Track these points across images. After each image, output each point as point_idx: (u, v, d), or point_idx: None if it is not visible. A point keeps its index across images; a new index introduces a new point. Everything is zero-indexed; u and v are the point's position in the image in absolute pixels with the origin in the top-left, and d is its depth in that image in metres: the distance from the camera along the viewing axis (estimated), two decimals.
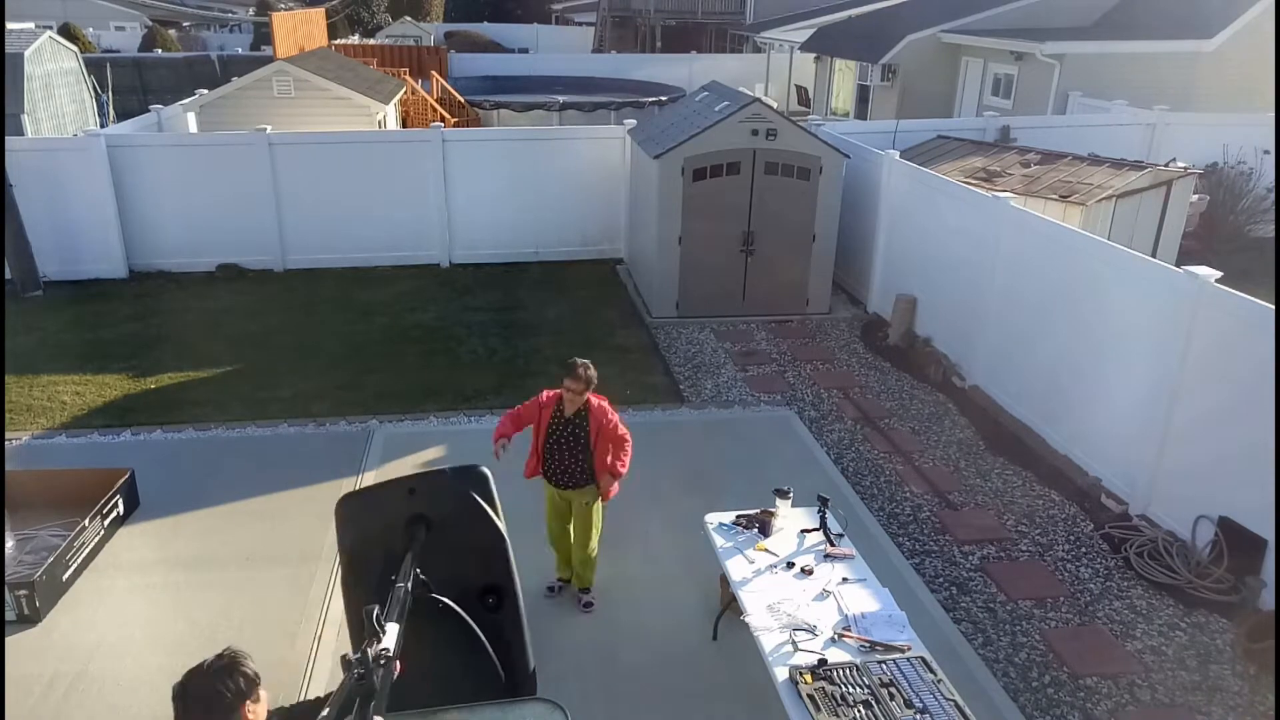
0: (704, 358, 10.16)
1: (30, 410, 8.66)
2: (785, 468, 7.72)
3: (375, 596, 3.20)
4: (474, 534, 3.76)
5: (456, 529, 3.72)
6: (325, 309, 11.42)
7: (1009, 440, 8.41)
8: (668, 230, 10.82)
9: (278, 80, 16.14)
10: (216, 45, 37.38)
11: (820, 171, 10.82)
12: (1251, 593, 6.16)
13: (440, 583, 3.53)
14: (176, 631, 5.76)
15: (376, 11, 46.88)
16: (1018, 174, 10.97)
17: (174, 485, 7.33)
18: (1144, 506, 7.13)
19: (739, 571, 5.13)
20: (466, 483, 3.79)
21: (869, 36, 21.38)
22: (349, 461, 7.77)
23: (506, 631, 3.79)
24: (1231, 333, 6.36)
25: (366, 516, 3.72)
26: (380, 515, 3.69)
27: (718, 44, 36.41)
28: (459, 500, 3.75)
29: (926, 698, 4.12)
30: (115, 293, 11.81)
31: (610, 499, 5.81)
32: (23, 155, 11.53)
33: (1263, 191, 13.59)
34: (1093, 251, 7.75)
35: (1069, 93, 17.03)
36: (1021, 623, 6.08)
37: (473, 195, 12.71)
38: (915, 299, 10.45)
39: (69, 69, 17.94)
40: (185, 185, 12.18)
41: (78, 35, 30.30)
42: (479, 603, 3.74)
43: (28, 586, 5.71)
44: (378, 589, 3.34)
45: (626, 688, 5.38)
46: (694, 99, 12.65)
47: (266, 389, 9.18)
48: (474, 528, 3.76)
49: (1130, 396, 7.25)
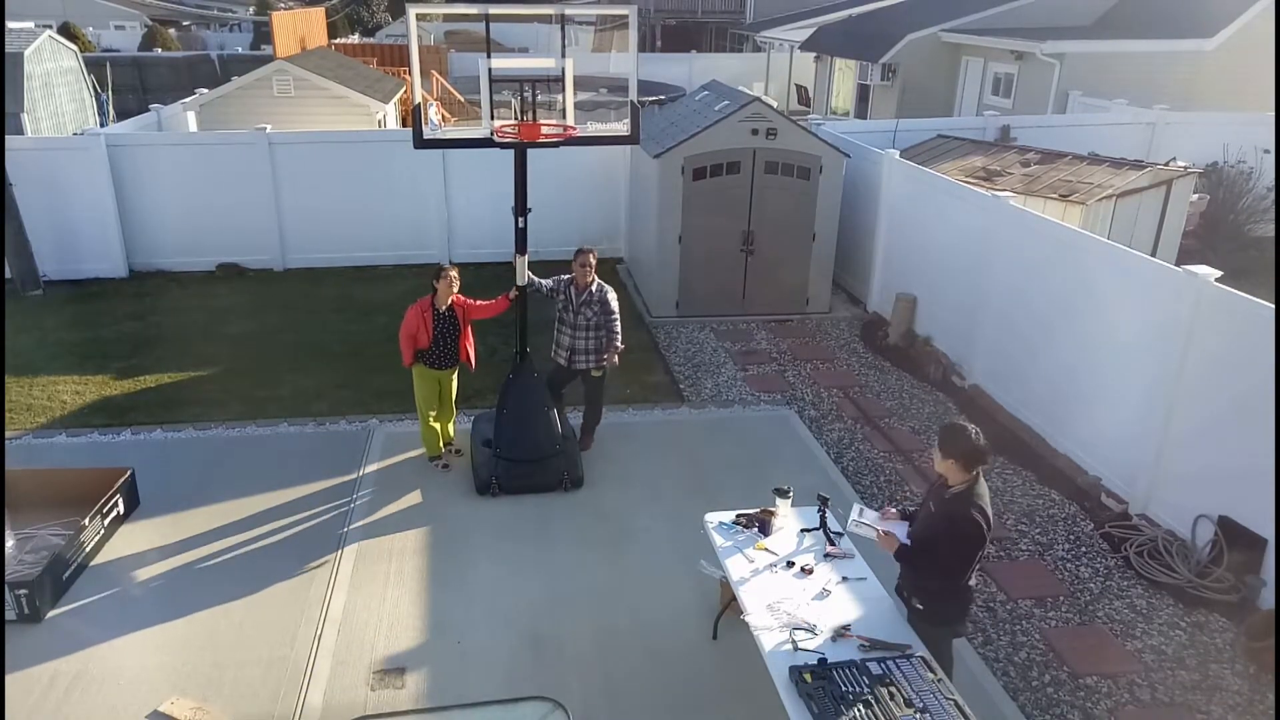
0: (704, 357, 10.16)
1: (30, 409, 8.66)
2: (785, 467, 7.72)
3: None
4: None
5: None
6: (325, 308, 11.42)
7: (1009, 439, 8.41)
8: (668, 229, 10.82)
9: (278, 79, 16.14)
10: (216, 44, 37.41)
11: (820, 171, 10.82)
12: (1251, 592, 6.17)
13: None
14: (176, 630, 5.76)
15: (376, 10, 46.87)
16: (1018, 173, 10.97)
17: (174, 484, 7.33)
18: (1144, 506, 7.13)
19: (739, 570, 5.12)
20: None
21: (869, 36, 21.38)
22: (349, 461, 7.77)
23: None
24: (1231, 332, 6.36)
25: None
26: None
27: (718, 43, 36.43)
28: None
29: (926, 697, 4.12)
30: (115, 292, 11.81)
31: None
32: (23, 154, 11.54)
33: (1262, 191, 13.59)
34: (1093, 251, 7.75)
35: (1069, 92, 17.03)
36: (1021, 622, 6.08)
37: (473, 194, 12.72)
38: (915, 298, 10.45)
39: (69, 68, 17.94)
40: (185, 184, 12.19)
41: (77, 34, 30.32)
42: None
43: (28, 586, 5.71)
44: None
45: (627, 687, 5.38)
46: (694, 98, 12.64)
47: (266, 388, 9.18)
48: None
49: (1130, 396, 7.25)
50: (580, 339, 7.47)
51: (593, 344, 7.49)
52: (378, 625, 5.86)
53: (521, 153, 6.95)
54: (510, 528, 6.88)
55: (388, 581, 6.28)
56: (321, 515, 7.02)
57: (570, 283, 7.43)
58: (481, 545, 6.68)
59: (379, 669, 5.50)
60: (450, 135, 8.05)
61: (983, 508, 4.41)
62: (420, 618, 5.93)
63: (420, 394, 7.45)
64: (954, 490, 4.49)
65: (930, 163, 11.41)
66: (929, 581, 4.64)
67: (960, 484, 4.49)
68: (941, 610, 4.67)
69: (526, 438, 7.31)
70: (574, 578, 6.34)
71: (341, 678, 5.42)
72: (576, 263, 7.35)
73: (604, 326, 7.43)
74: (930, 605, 4.64)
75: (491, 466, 7.29)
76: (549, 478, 7.32)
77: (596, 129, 7.13)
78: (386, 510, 7.11)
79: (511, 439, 7.32)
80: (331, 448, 8.00)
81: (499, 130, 6.58)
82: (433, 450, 7.67)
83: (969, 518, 4.38)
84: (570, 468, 7.39)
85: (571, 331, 7.48)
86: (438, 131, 8.42)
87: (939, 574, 4.57)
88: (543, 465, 7.31)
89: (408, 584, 6.25)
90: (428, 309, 7.20)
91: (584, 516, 7.06)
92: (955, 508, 4.43)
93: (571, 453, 7.51)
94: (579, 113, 7.06)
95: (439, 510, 7.10)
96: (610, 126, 7.19)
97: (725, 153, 10.59)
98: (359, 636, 5.76)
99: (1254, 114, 14.65)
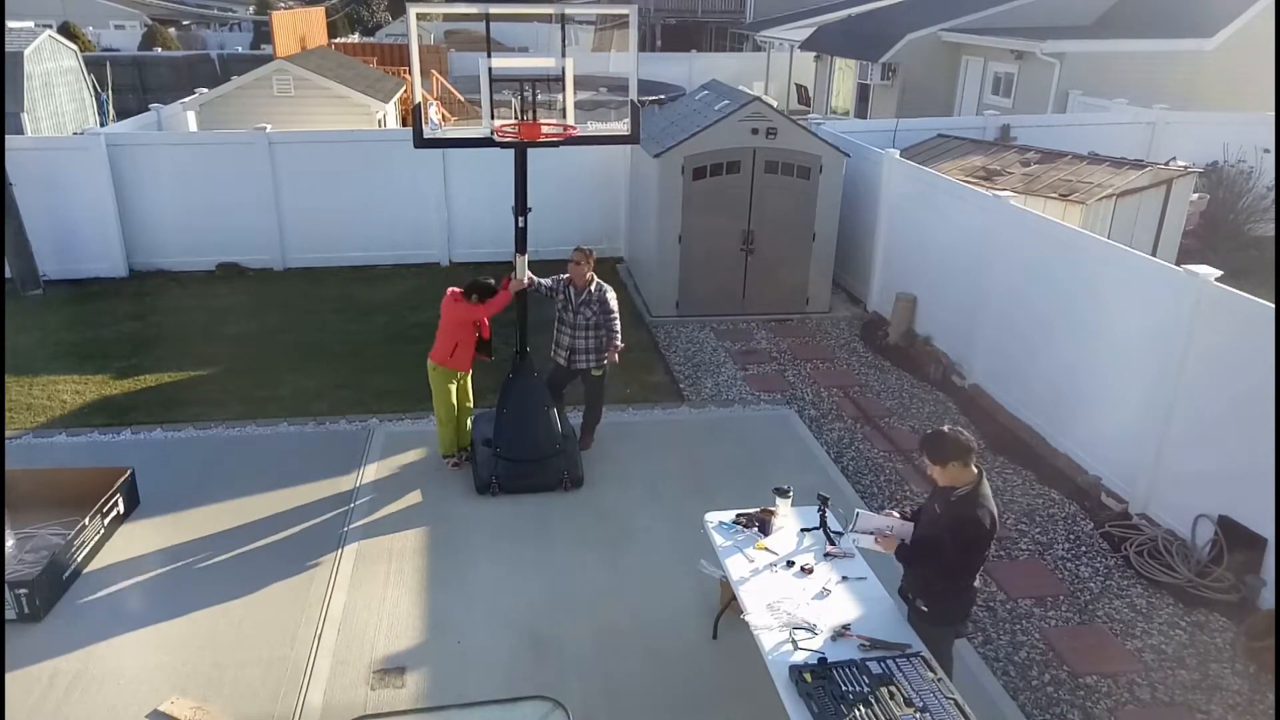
0: (704, 356, 10.16)
1: (30, 409, 8.66)
2: (785, 467, 7.72)
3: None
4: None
5: None
6: (325, 308, 11.42)
7: (1009, 439, 8.41)
8: (668, 229, 10.82)
9: (277, 79, 16.14)
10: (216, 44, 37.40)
11: (820, 170, 10.82)
12: (1251, 592, 6.17)
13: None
14: (176, 630, 5.76)
15: (376, 10, 46.87)
16: (1018, 173, 10.97)
17: (174, 484, 7.32)
18: (1144, 505, 7.13)
19: (739, 570, 5.12)
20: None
21: (869, 35, 21.38)
22: (349, 460, 7.77)
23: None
24: (1231, 332, 6.36)
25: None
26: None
27: (718, 43, 36.42)
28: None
29: (926, 697, 4.12)
30: (115, 291, 11.81)
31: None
32: (23, 154, 11.53)
33: (1262, 190, 13.58)
34: (1093, 250, 7.75)
35: (1069, 91, 17.03)
36: (1021, 621, 6.08)
37: (473, 194, 12.72)
38: (915, 298, 10.45)
39: (69, 68, 17.95)
40: (185, 184, 12.18)
41: (77, 34, 30.32)
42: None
43: (28, 585, 5.71)
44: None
45: (627, 687, 5.38)
46: (694, 98, 12.64)
47: (266, 388, 9.18)
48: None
49: (1130, 396, 7.25)
50: (580, 339, 7.47)
51: (592, 344, 7.50)
52: (378, 625, 5.86)
53: (521, 152, 6.95)
54: (510, 528, 6.88)
55: (388, 581, 6.28)
56: (321, 515, 7.02)
57: (570, 282, 7.43)
58: (481, 545, 6.68)
59: (379, 669, 5.50)
60: (450, 135, 8.06)
61: (989, 509, 4.41)
62: (420, 618, 5.93)
63: (442, 394, 7.46)
64: (959, 492, 4.49)
65: (930, 162, 11.41)
66: (932, 582, 4.63)
67: (965, 485, 4.48)
68: (945, 611, 4.66)
69: (526, 437, 7.31)
70: (574, 578, 6.34)
71: (341, 677, 5.43)
72: (573, 262, 7.36)
73: (604, 326, 7.43)
74: (934, 606, 4.64)
75: (491, 466, 7.29)
76: (549, 477, 7.32)
77: (596, 128, 7.14)
78: (386, 510, 7.11)
79: (511, 439, 7.32)
80: (331, 448, 8.00)
81: (499, 130, 6.58)
82: (448, 449, 7.68)
83: (976, 519, 4.37)
84: (570, 467, 7.39)
85: (571, 331, 7.48)
86: (438, 131, 8.44)
87: (942, 574, 4.57)
88: (543, 465, 7.31)
89: (408, 584, 6.25)
90: (478, 317, 7.35)
91: (584, 516, 7.06)
92: (962, 510, 4.43)
93: (571, 452, 7.51)
94: (579, 112, 7.07)
95: (439, 510, 7.10)
96: (610, 126, 7.19)
97: (725, 152, 10.59)
98: (359, 636, 5.76)
99: (1254, 114, 14.64)
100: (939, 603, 4.64)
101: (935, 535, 4.52)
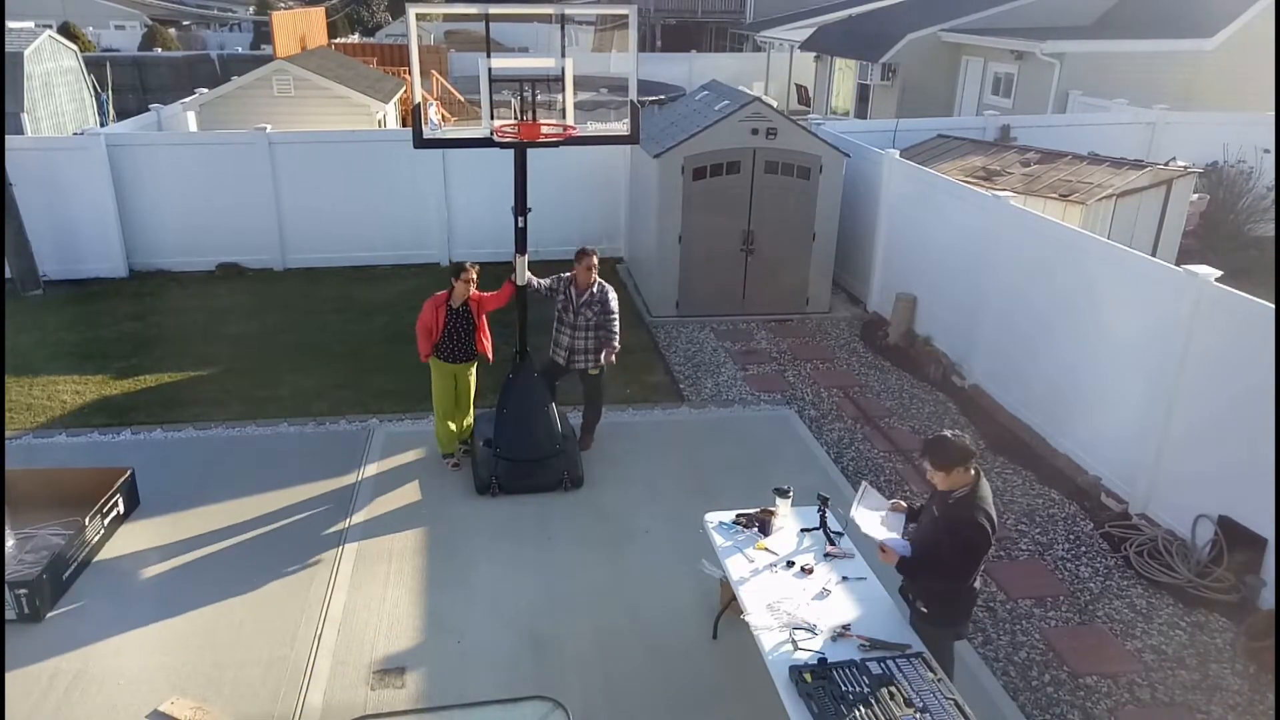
0: (704, 357, 10.16)
1: (30, 409, 8.66)
2: (785, 467, 7.72)
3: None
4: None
5: None
6: (325, 308, 11.42)
7: (1009, 439, 8.41)
8: (667, 229, 10.82)
9: (277, 79, 16.14)
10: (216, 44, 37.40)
11: (820, 170, 10.82)
12: (1251, 592, 6.17)
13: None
14: (176, 630, 5.76)
15: (376, 10, 46.87)
16: (1018, 173, 10.97)
17: (174, 484, 7.33)
18: (1144, 505, 7.13)
19: (739, 570, 5.12)
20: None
21: (869, 36, 21.38)
22: (349, 460, 7.77)
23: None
24: (1231, 332, 6.36)
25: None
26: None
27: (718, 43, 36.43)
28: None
29: (926, 697, 4.12)
30: (115, 292, 11.81)
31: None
32: (23, 154, 11.53)
33: (1262, 190, 13.59)
34: (1093, 250, 7.75)
35: (1069, 92, 17.03)
36: (1021, 621, 6.08)
37: (472, 194, 12.72)
38: (915, 298, 10.45)
39: (69, 68, 17.94)
40: (185, 184, 12.18)
41: (77, 34, 30.31)
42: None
43: (28, 585, 5.71)
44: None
45: (627, 687, 5.38)
46: (694, 98, 12.64)
47: (266, 388, 9.18)
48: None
49: (1130, 396, 7.25)
50: (580, 339, 7.47)
51: (592, 344, 7.50)
52: (378, 625, 5.86)
53: (521, 152, 6.95)
54: (510, 528, 6.88)
55: (388, 581, 6.28)
56: (321, 515, 7.03)
57: (570, 282, 7.43)
58: (481, 545, 6.68)
59: (379, 669, 5.50)
60: (450, 135, 8.05)
61: (988, 511, 4.41)
62: (420, 618, 5.93)
63: (437, 389, 7.47)
64: (957, 495, 4.49)
65: (930, 162, 11.40)
66: (932, 584, 4.63)
67: (963, 488, 4.48)
68: (946, 612, 4.66)
69: (526, 437, 7.31)
70: (574, 577, 6.34)
71: (341, 678, 5.43)
72: (581, 265, 7.35)
73: (603, 326, 7.43)
74: (935, 608, 4.64)
75: (491, 466, 7.29)
76: (549, 477, 7.32)
77: (596, 129, 7.13)
78: (386, 510, 7.11)
79: (511, 439, 7.32)
80: (331, 448, 8.00)
81: (499, 130, 6.58)
82: (446, 447, 7.67)
83: (974, 522, 4.37)
84: (570, 467, 7.39)
85: (571, 331, 7.48)
86: (438, 131, 8.43)
87: (943, 577, 4.57)
88: (543, 465, 7.32)
89: (408, 584, 6.25)
90: (442, 304, 7.29)
91: (584, 516, 7.06)
92: (960, 513, 4.43)
93: (571, 452, 7.51)
94: (579, 112, 7.07)
95: (439, 510, 7.10)
96: (610, 126, 7.19)
97: (725, 152, 10.59)
98: (359, 636, 5.76)
99: (1254, 114, 14.64)
100: (940, 604, 4.64)
101: (935, 543, 4.52)
